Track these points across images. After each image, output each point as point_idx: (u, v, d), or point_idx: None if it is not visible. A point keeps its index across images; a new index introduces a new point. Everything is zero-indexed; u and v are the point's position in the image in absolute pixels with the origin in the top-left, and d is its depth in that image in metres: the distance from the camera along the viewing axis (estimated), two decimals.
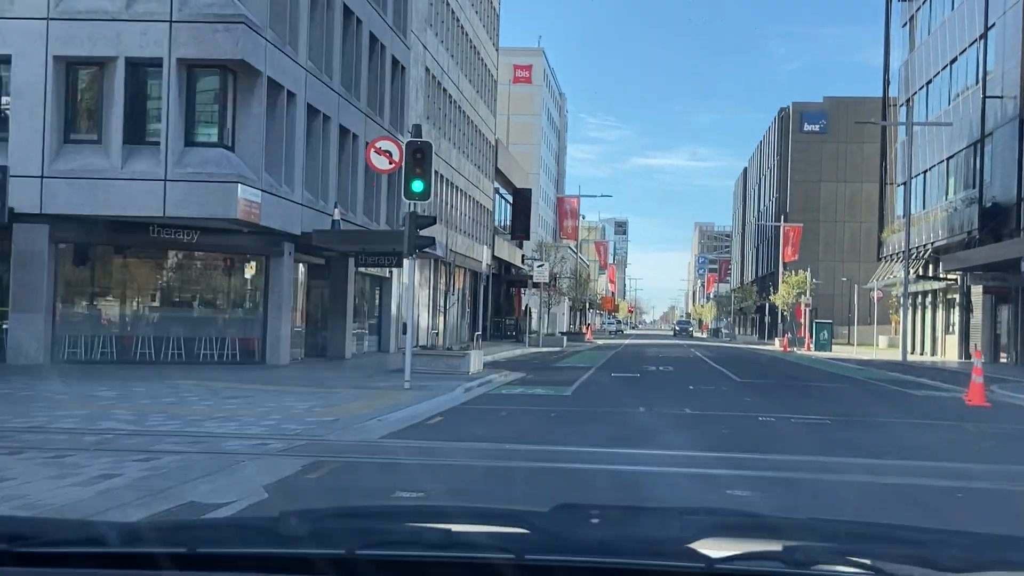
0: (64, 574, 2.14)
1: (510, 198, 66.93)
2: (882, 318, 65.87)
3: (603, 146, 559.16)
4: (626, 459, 10.84)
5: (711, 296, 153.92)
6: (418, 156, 18.42)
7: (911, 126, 48.10)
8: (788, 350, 59.39)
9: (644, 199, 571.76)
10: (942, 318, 49.83)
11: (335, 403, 15.89)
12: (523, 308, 65.69)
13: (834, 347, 60.35)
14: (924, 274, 49.43)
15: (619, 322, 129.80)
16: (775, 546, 2.29)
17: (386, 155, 19.50)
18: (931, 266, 48.92)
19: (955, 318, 46.82)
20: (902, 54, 56.31)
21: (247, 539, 2.37)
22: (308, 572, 2.11)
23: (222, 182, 21.98)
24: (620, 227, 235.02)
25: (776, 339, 74.23)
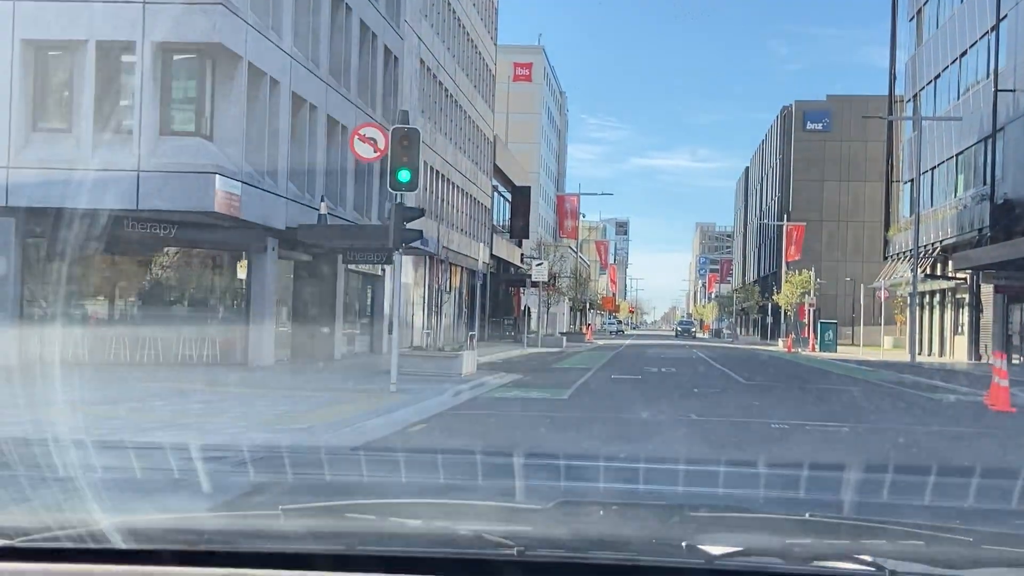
0: (66, 570, 2.15)
1: (509, 196, 65.68)
2: (887, 318, 64.79)
3: (604, 146, 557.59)
4: (627, 475, 9.61)
5: (712, 296, 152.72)
6: (405, 143, 17.19)
7: (919, 121, 46.97)
8: (792, 351, 58.17)
9: (645, 199, 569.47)
10: (950, 318, 48.76)
11: (311, 408, 14.69)
12: (522, 308, 64.48)
13: (839, 347, 59.14)
14: (932, 273, 48.31)
15: (620, 322, 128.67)
16: (775, 543, 2.27)
17: (370, 143, 18.20)
18: (939, 265, 47.87)
19: (964, 318, 45.76)
20: (908, 49, 55.16)
21: (248, 535, 2.37)
22: (309, 568, 2.11)
23: (199, 173, 20.76)
24: (621, 227, 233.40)
25: (779, 339, 73.11)
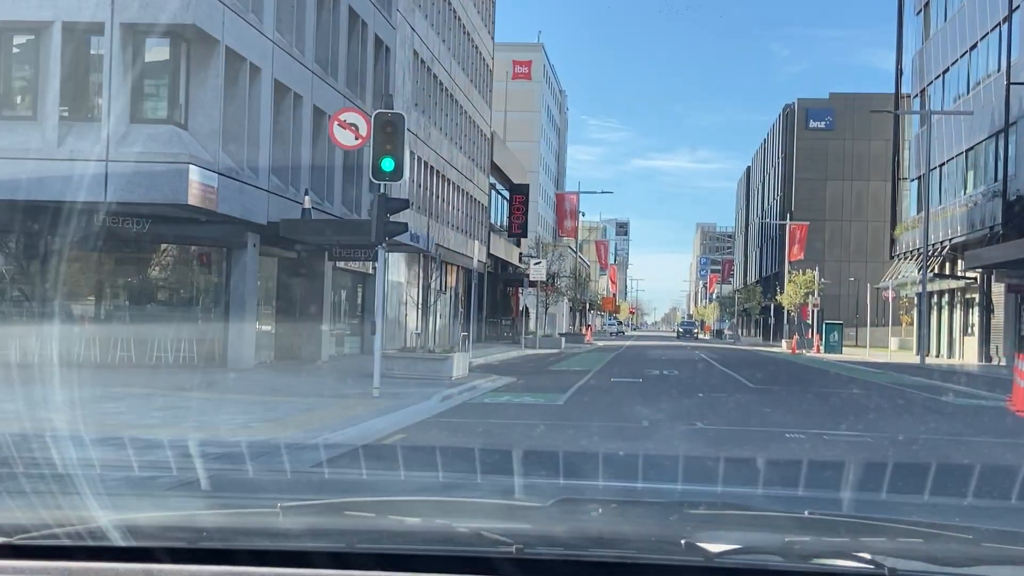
0: (65, 567, 2.14)
1: (507, 195, 64.37)
2: (893, 319, 63.54)
3: (604, 147, 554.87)
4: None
5: (713, 297, 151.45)
6: (388, 130, 15.96)
7: (928, 116, 45.72)
8: (797, 352, 56.88)
9: (645, 200, 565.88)
10: (960, 319, 47.51)
11: (282, 416, 13.43)
12: (520, 308, 63.20)
13: (844, 349, 57.85)
14: (941, 272, 46.98)
15: (620, 323, 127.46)
16: (774, 540, 2.26)
17: (351, 128, 16.93)
18: (948, 264, 46.57)
19: (974, 318, 44.53)
20: (914, 45, 53.89)
21: (246, 533, 2.37)
22: (308, 566, 2.12)
23: (172, 163, 19.51)
24: (621, 228, 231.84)
25: (783, 340, 71.88)
